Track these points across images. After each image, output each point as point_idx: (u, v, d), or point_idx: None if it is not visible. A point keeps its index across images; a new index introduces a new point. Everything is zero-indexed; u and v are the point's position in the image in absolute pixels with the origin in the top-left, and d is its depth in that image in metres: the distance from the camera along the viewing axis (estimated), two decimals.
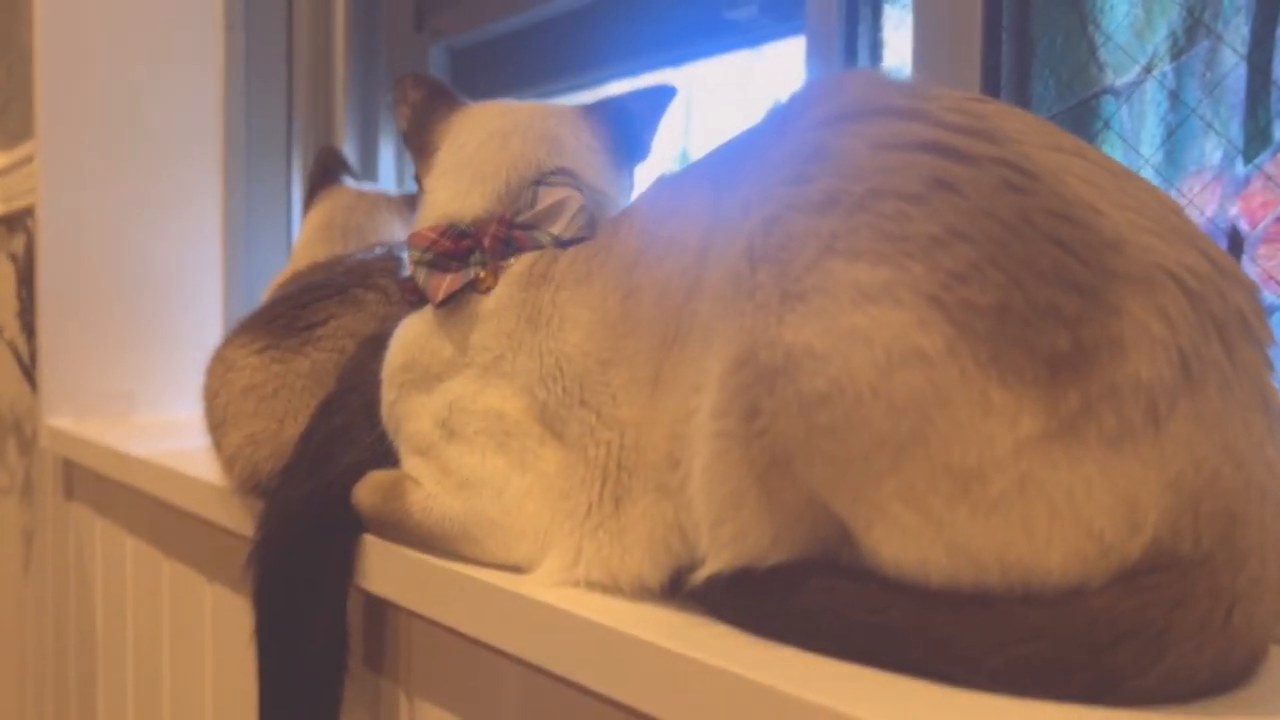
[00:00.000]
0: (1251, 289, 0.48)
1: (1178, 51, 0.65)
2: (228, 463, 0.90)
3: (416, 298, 0.76)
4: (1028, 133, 0.49)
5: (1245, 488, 0.44)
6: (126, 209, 1.65)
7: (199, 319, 1.68)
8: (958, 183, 0.46)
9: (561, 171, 0.72)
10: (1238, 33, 0.63)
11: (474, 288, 0.71)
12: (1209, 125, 0.63)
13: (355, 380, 0.83)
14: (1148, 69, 0.66)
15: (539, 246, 0.70)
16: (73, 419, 1.61)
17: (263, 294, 1.25)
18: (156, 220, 1.67)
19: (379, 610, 0.84)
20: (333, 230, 1.26)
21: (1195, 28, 0.64)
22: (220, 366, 0.96)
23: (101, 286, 1.63)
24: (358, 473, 0.77)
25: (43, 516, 1.80)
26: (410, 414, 0.74)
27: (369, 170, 1.72)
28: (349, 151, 1.70)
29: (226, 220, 1.71)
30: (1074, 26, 0.70)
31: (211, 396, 0.95)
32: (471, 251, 0.71)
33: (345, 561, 0.78)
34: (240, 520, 0.97)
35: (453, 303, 0.71)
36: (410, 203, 1.30)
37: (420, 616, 0.75)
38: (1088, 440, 0.43)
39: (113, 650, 1.50)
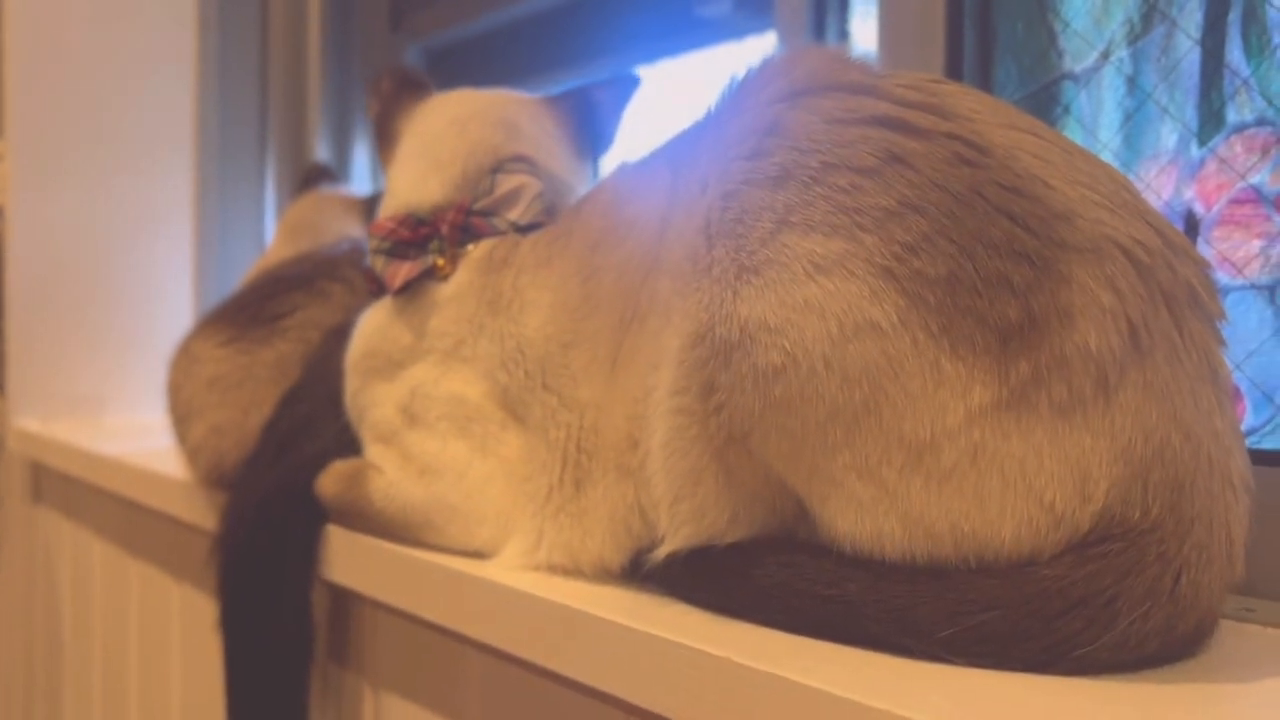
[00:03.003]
0: (1201, 264, 0.48)
1: (1134, 38, 0.66)
2: (192, 454, 0.89)
3: (377, 287, 0.76)
4: (981, 110, 0.49)
5: (1193, 457, 0.44)
6: (97, 210, 1.64)
7: (169, 322, 1.67)
8: (910, 156, 0.46)
9: (519, 158, 0.72)
10: (1192, 18, 0.63)
11: (432, 275, 0.71)
12: (1165, 110, 0.64)
13: (321, 370, 0.83)
14: (1105, 55, 0.67)
15: (497, 233, 0.70)
16: (41, 422, 1.59)
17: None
18: (127, 222, 1.66)
19: (342, 601, 0.84)
20: (299, 230, 1.27)
21: (1151, 14, 0.65)
22: (185, 359, 0.95)
23: (71, 289, 1.62)
24: (321, 462, 0.77)
25: (10, 521, 1.78)
26: (373, 402, 0.74)
27: (343, 171, 1.71)
28: (323, 153, 1.70)
29: (198, 223, 1.70)
30: (1034, 14, 0.71)
31: (176, 390, 0.95)
32: (429, 239, 0.71)
33: (309, 551, 0.77)
34: (208, 518, 0.96)
35: (410, 290, 0.71)
36: (370, 203, 1.30)
37: (383, 606, 0.74)
38: (1039, 410, 0.44)
39: (80, 652, 1.48)
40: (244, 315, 0.94)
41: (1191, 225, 0.63)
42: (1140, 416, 0.44)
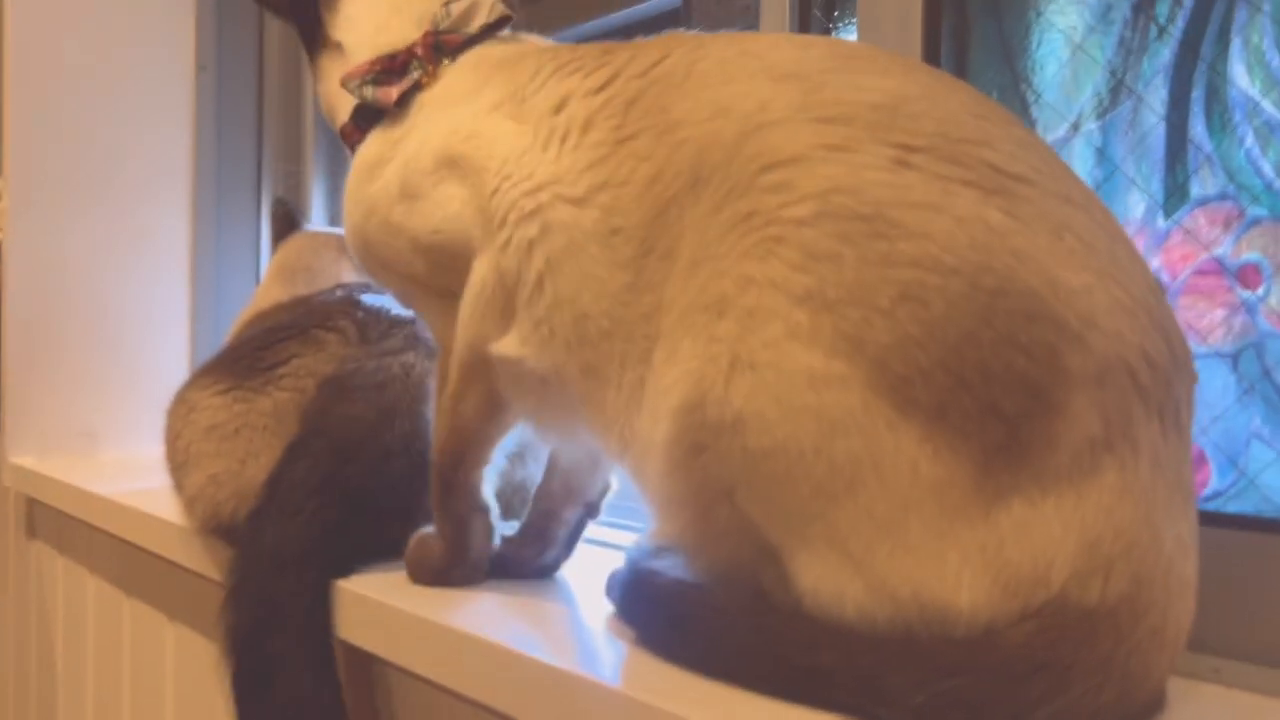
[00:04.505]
0: (1192, 380, 0.51)
1: (1102, 111, 0.68)
2: (189, 503, 0.91)
3: (358, 136, 0.80)
4: (1042, 175, 0.50)
5: (1155, 558, 0.47)
6: (94, 246, 1.66)
7: (165, 358, 1.69)
8: (928, 295, 0.47)
9: None
10: (1157, 94, 0.66)
11: (418, 89, 0.76)
12: (1132, 181, 0.67)
13: (319, 424, 0.85)
14: (1075, 126, 0.70)
15: (470, 39, 0.77)
16: (36, 457, 1.60)
17: (227, 333, 1.27)
18: (124, 258, 1.68)
19: (353, 661, 0.84)
20: (288, 272, 1.30)
21: (1119, 89, 0.67)
22: (183, 408, 0.97)
23: (68, 324, 1.64)
24: (324, 517, 0.79)
25: (3, 554, 1.79)
26: (384, 184, 0.76)
27: (338, 206, 1.73)
28: (318, 191, 1.73)
29: (194, 259, 1.72)
30: (1007, 83, 0.73)
31: (173, 438, 0.96)
32: (408, 64, 0.78)
33: (324, 610, 0.78)
34: (202, 560, 0.97)
35: (404, 103, 0.77)
36: None
37: (394, 666, 0.75)
38: (1011, 507, 0.46)
39: (73, 688, 1.49)
40: (240, 364, 0.96)
41: None
42: (1113, 516, 0.46)
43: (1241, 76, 0.62)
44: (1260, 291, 0.61)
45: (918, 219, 0.47)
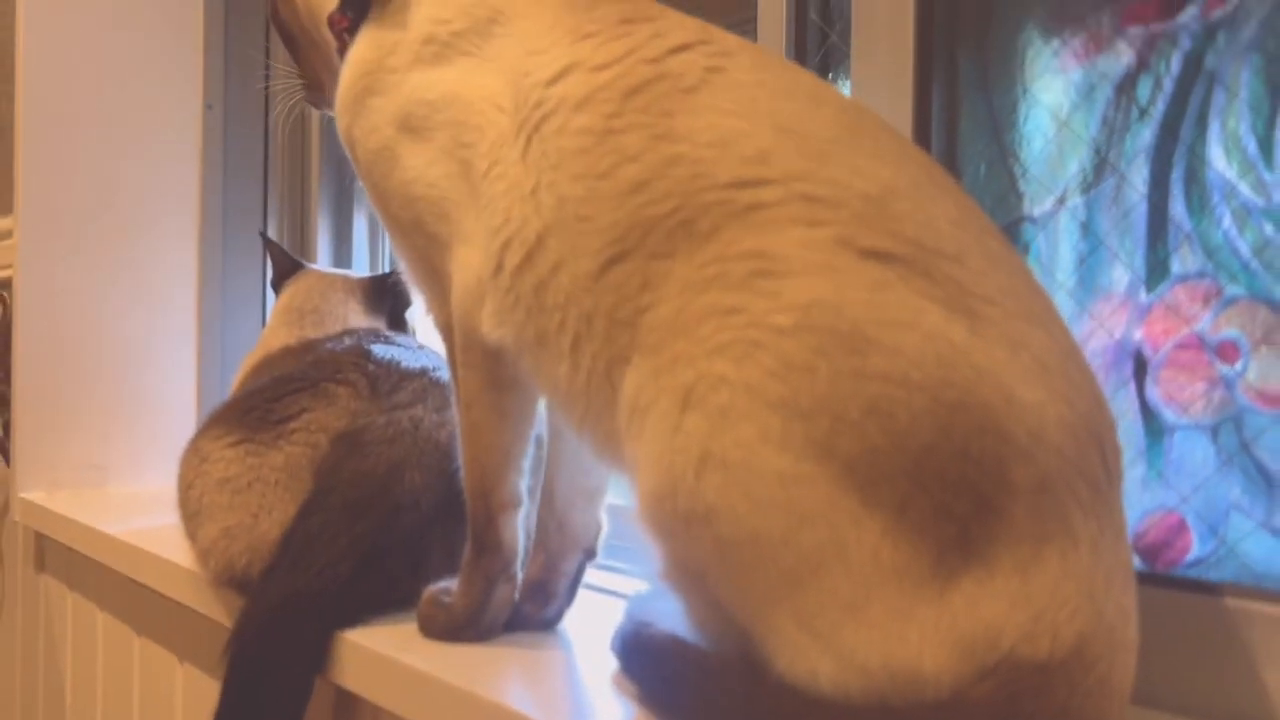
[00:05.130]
0: (1122, 482, 0.54)
1: (1087, 187, 0.71)
2: (203, 555, 0.93)
3: (346, 23, 0.81)
4: (1007, 294, 0.53)
5: (1098, 621, 0.50)
6: (103, 284, 1.68)
7: (172, 394, 1.71)
8: (895, 409, 0.50)
9: None
10: (1140, 173, 0.69)
11: None
12: (1116, 255, 0.69)
13: (331, 480, 0.87)
14: (1061, 201, 0.72)
15: None
16: (46, 492, 1.62)
17: (234, 375, 1.30)
18: (132, 296, 1.70)
19: (350, 707, 0.87)
20: (295, 314, 1.32)
21: (1102, 166, 0.70)
22: (195, 458, 0.99)
23: (79, 362, 1.66)
24: (335, 572, 0.82)
25: (12, 586, 1.81)
26: (371, 127, 0.76)
27: (343, 244, 1.77)
28: (322, 228, 1.75)
29: (201, 296, 1.74)
30: (995, 158, 0.76)
31: (186, 487, 0.99)
32: None
33: (315, 658, 0.81)
34: (212, 606, 1.00)
35: None
36: (370, 284, 1.36)
37: (389, 714, 0.78)
38: (962, 587, 0.49)
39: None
40: (252, 416, 0.98)
41: (1140, 365, 0.68)
42: (1056, 593, 0.49)
43: (1219, 159, 0.65)
44: (1238, 366, 0.64)
45: (890, 337, 0.50)
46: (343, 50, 0.83)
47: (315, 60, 0.93)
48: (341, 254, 1.77)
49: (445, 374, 1.01)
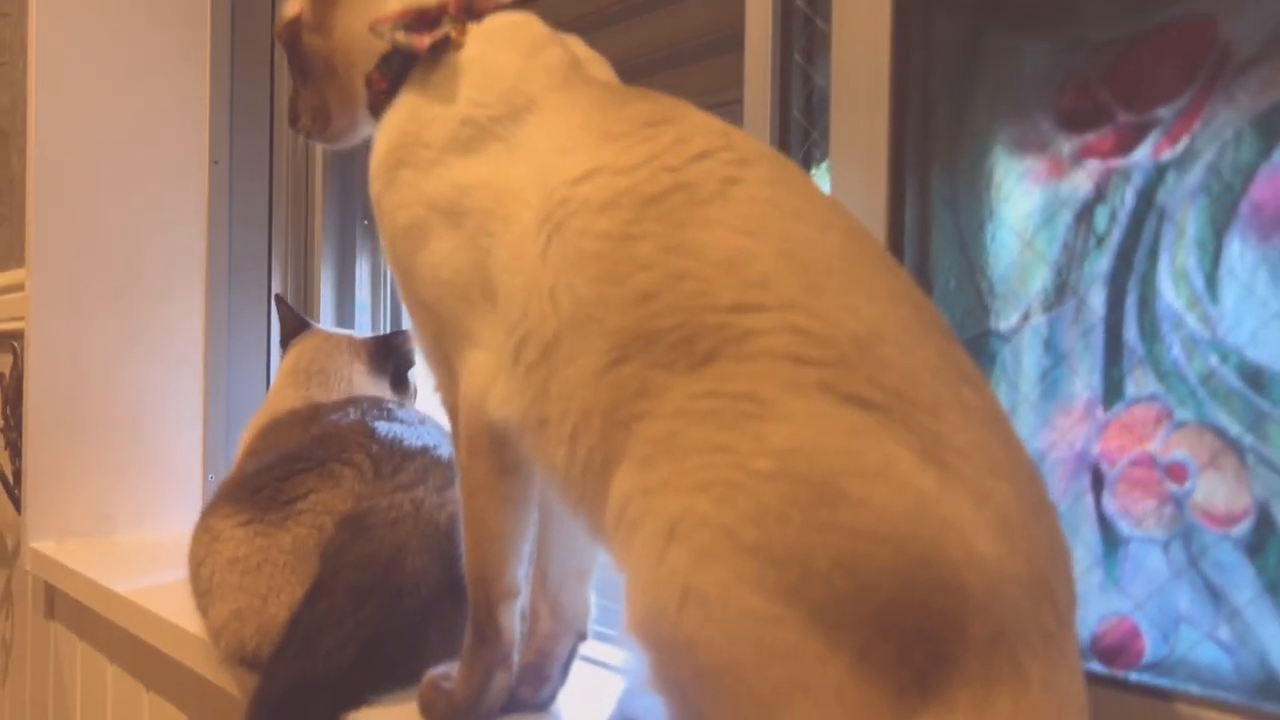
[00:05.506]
0: (1075, 629, 0.58)
1: (1049, 306, 0.75)
2: (215, 635, 0.98)
3: (387, 85, 0.82)
4: (977, 447, 0.57)
5: None
6: (113, 336, 1.73)
7: (178, 446, 1.75)
8: (860, 563, 0.53)
9: None
10: (1098, 296, 0.73)
11: (445, 46, 0.77)
12: (1075, 373, 0.74)
13: (337, 565, 0.92)
14: (1026, 318, 0.77)
15: (501, 7, 0.79)
16: (56, 541, 1.67)
17: (240, 435, 1.34)
18: (140, 348, 1.75)
19: None
20: (302, 375, 1.37)
21: (1063, 288, 0.75)
22: (206, 536, 1.04)
23: (88, 413, 1.70)
24: (341, 656, 0.86)
25: (22, 631, 1.85)
26: (400, 203, 0.77)
27: (345, 294, 1.81)
28: (326, 282, 1.80)
29: (207, 349, 1.79)
30: (964, 273, 0.81)
31: (197, 564, 1.03)
32: (440, 19, 0.79)
33: None
34: (221, 675, 1.04)
35: (433, 58, 0.78)
36: (374, 344, 1.40)
37: None
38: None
39: None
40: (261, 496, 1.02)
41: (1098, 478, 0.73)
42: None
43: (1169, 290, 0.69)
44: (1187, 486, 0.68)
45: (861, 489, 0.54)
46: (373, 106, 0.85)
47: (331, 94, 0.91)
48: (344, 303, 1.81)
49: (446, 451, 1.06)
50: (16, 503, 1.83)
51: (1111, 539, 0.72)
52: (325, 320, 1.77)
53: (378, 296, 1.81)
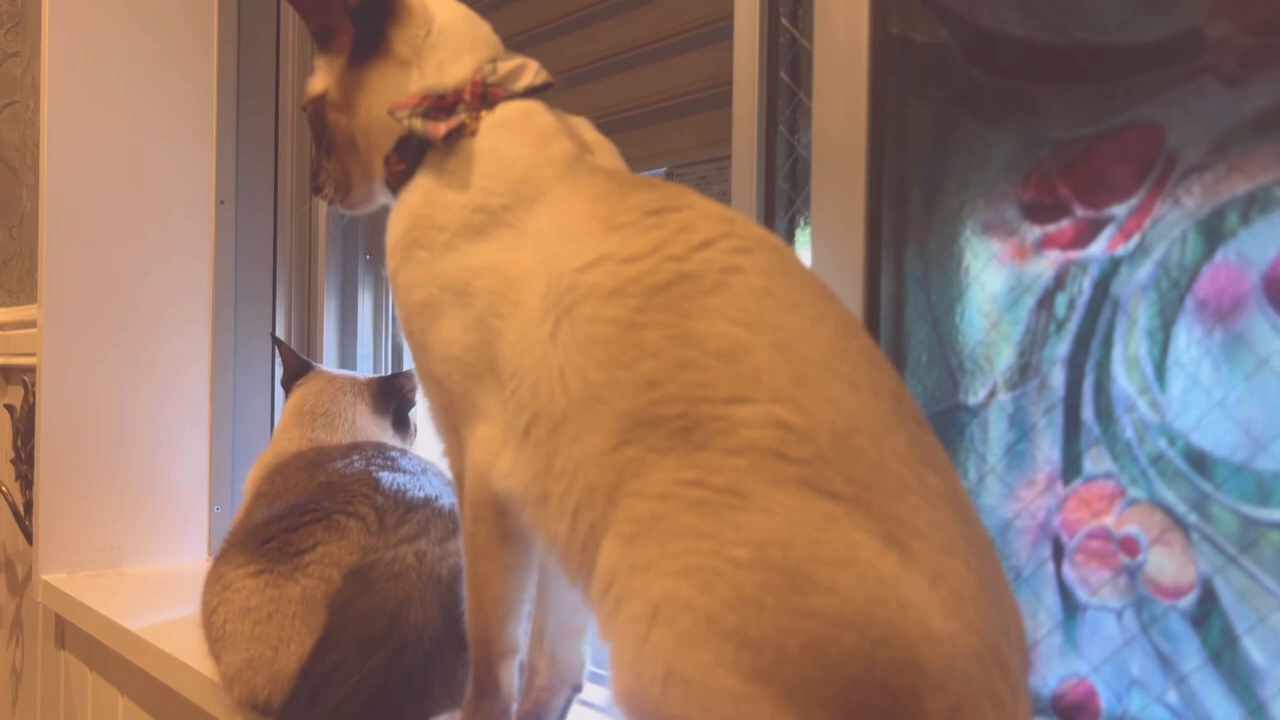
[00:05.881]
0: (1025, 688, 0.62)
1: (1013, 384, 0.81)
2: (228, 682, 1.02)
3: (404, 166, 0.85)
4: (935, 528, 0.61)
5: None
6: (122, 372, 1.77)
7: (186, 478, 1.80)
8: (828, 646, 0.58)
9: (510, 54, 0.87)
10: (1058, 377, 0.78)
11: (460, 134, 0.81)
12: (1038, 449, 0.79)
13: (344, 618, 0.97)
14: (992, 394, 0.82)
15: (513, 97, 0.83)
16: (67, 573, 1.71)
17: (247, 474, 1.38)
18: (149, 383, 1.80)
19: None
20: (307, 416, 1.42)
21: (1026, 368, 0.80)
22: (219, 584, 1.08)
23: (97, 447, 1.75)
24: (348, 708, 0.91)
25: (32, 659, 1.90)
26: (412, 282, 0.81)
27: (348, 330, 1.86)
28: (329, 316, 1.85)
29: (214, 386, 1.83)
30: (935, 348, 0.86)
31: (209, 612, 1.08)
32: (455, 106, 0.83)
33: None
34: (231, 715, 1.09)
35: (448, 145, 0.82)
36: (376, 386, 1.45)
37: None
38: None
39: None
40: (270, 546, 1.07)
41: (1058, 547, 0.78)
42: None
43: (1122, 376, 0.74)
44: (1139, 559, 0.74)
45: (829, 576, 0.59)
46: (390, 184, 0.89)
47: (352, 168, 0.95)
48: (346, 338, 1.86)
49: (447, 501, 1.11)
50: (28, 533, 1.88)
51: (1071, 605, 0.77)
52: (328, 353, 1.82)
53: (379, 332, 1.86)
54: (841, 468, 0.62)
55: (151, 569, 1.77)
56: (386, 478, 1.13)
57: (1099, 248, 0.76)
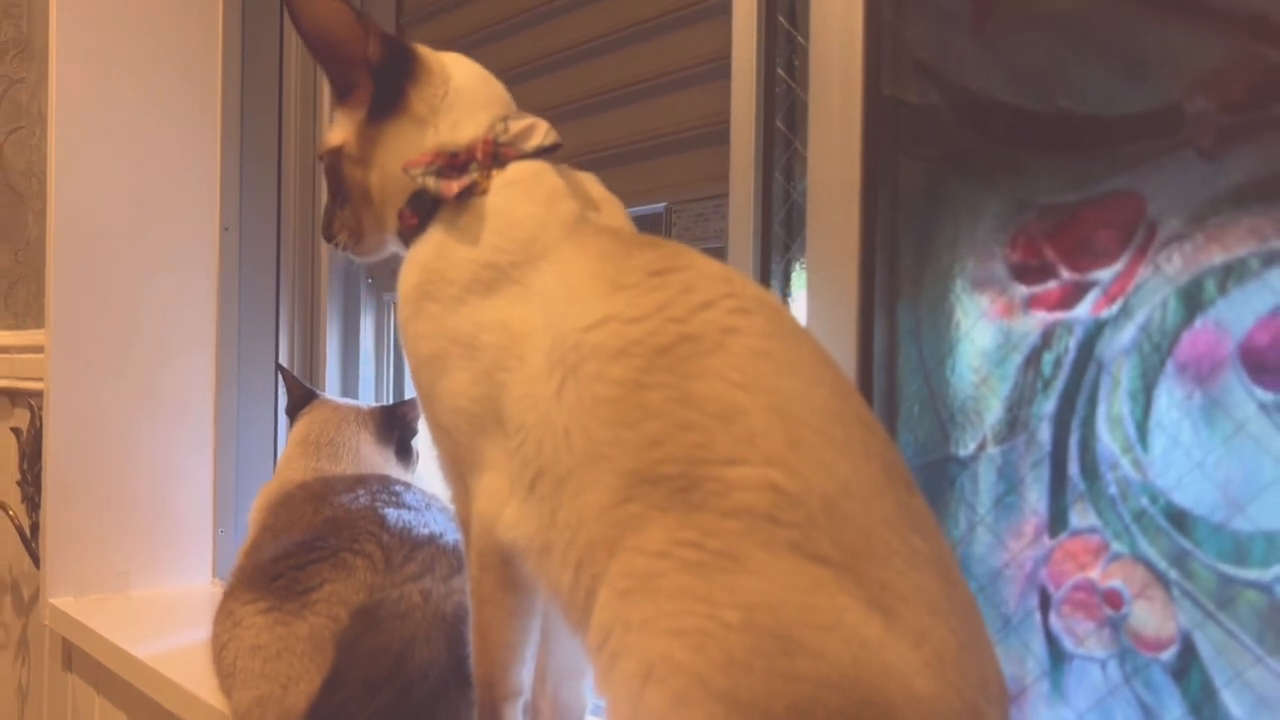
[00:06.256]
0: None
1: (1002, 438, 0.83)
2: (239, 719, 1.05)
3: (416, 220, 0.88)
4: (920, 590, 0.64)
5: None
6: (127, 397, 1.79)
7: (190, 505, 1.83)
8: (813, 708, 0.60)
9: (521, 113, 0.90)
10: (1045, 433, 0.81)
11: (471, 192, 0.84)
12: (1025, 502, 0.82)
13: (352, 657, 0.99)
14: (982, 447, 0.85)
15: (523, 156, 0.86)
16: (74, 597, 1.74)
17: (251, 506, 1.41)
18: (153, 408, 1.82)
19: None
20: (312, 446, 1.44)
21: (1015, 423, 0.83)
22: (228, 620, 1.11)
23: (103, 472, 1.77)
24: None
25: (39, 680, 1.92)
26: (422, 334, 0.84)
27: (350, 358, 1.88)
28: (332, 343, 1.87)
29: (218, 411, 1.86)
30: (926, 400, 0.88)
31: (219, 647, 1.11)
32: (467, 164, 0.86)
33: None
34: None
35: (460, 202, 0.84)
36: (380, 415, 1.48)
37: None
38: None
39: None
40: (279, 584, 1.10)
41: (1045, 598, 0.81)
42: None
43: (1106, 435, 0.77)
44: (1123, 612, 0.76)
45: (815, 640, 0.62)
46: (402, 236, 0.92)
47: (366, 218, 0.97)
48: (349, 363, 1.89)
49: (451, 538, 1.14)
50: (34, 556, 1.90)
51: (1057, 654, 0.80)
52: (331, 377, 1.85)
53: (381, 356, 1.88)
54: (831, 533, 0.65)
55: (157, 592, 1.80)
56: (392, 514, 1.16)
57: (1084, 310, 0.79)
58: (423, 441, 1.55)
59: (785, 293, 1.05)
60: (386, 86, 0.90)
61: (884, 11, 0.91)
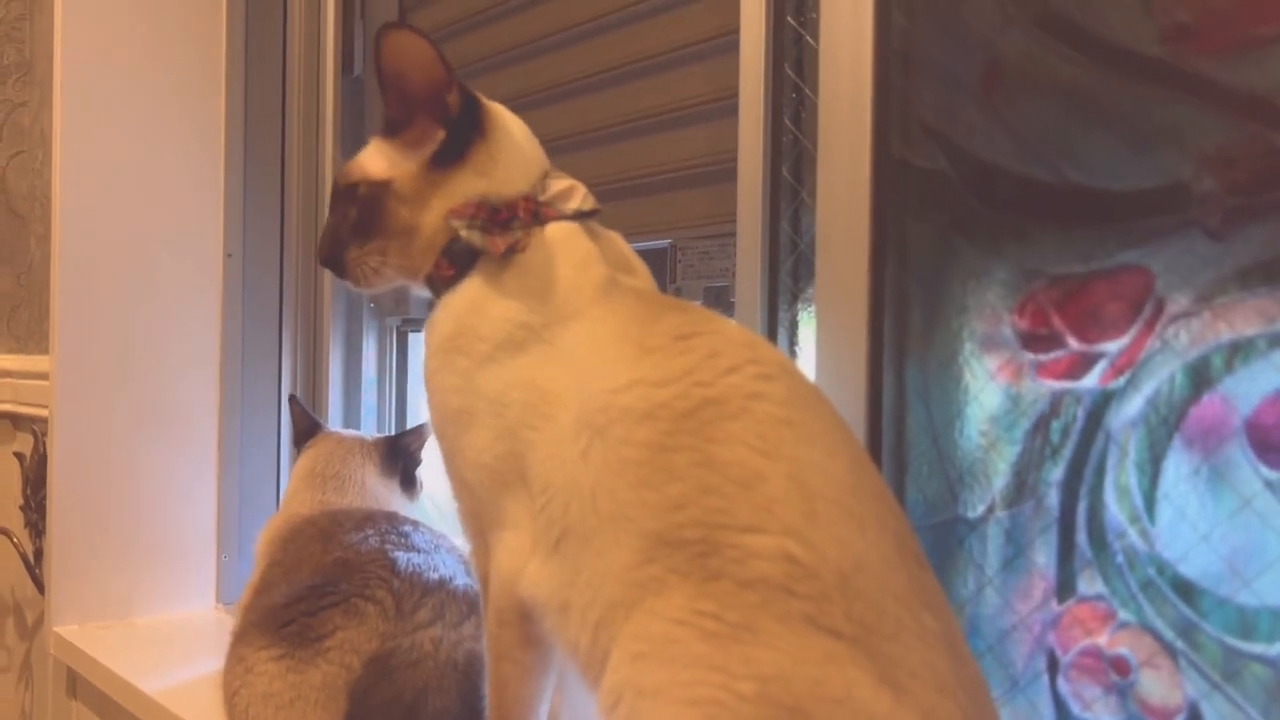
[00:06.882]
0: None
1: (1010, 503, 0.85)
2: None
3: (453, 272, 0.88)
4: (928, 668, 0.65)
5: None
6: (131, 424, 1.80)
7: (194, 532, 1.83)
8: None
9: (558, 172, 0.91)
10: (1053, 499, 0.82)
11: (514, 249, 0.85)
12: (1033, 566, 0.83)
13: (365, 707, 1.00)
14: (990, 510, 0.86)
15: (562, 217, 0.87)
16: (78, 625, 1.74)
17: (257, 538, 1.41)
18: (157, 435, 1.82)
19: None
20: (317, 478, 1.45)
21: (1022, 488, 0.84)
22: (240, 666, 1.12)
23: (108, 499, 1.77)
24: None
25: (43, 705, 1.92)
26: (448, 387, 0.85)
27: (352, 384, 1.89)
28: (334, 368, 1.88)
29: (221, 438, 1.86)
30: (934, 461, 0.90)
31: (231, 694, 1.11)
32: (510, 221, 0.87)
33: None
34: None
35: (506, 259, 0.84)
36: (384, 446, 1.49)
37: None
38: None
39: None
40: (290, 630, 1.10)
41: (1053, 662, 0.82)
42: None
43: (1113, 504, 0.79)
44: (1130, 679, 0.78)
45: (825, 713, 0.63)
46: (431, 283, 0.91)
47: (393, 256, 0.94)
48: (351, 389, 1.89)
49: (462, 582, 1.15)
50: (38, 581, 1.90)
51: (1065, 718, 0.81)
52: (334, 403, 1.85)
53: (384, 382, 1.89)
54: (844, 606, 0.66)
55: (161, 618, 1.80)
56: (402, 558, 1.17)
57: (1092, 380, 0.80)
58: (426, 471, 1.56)
59: (793, 344, 1.06)
60: (458, 137, 0.89)
61: (893, 76, 0.92)
